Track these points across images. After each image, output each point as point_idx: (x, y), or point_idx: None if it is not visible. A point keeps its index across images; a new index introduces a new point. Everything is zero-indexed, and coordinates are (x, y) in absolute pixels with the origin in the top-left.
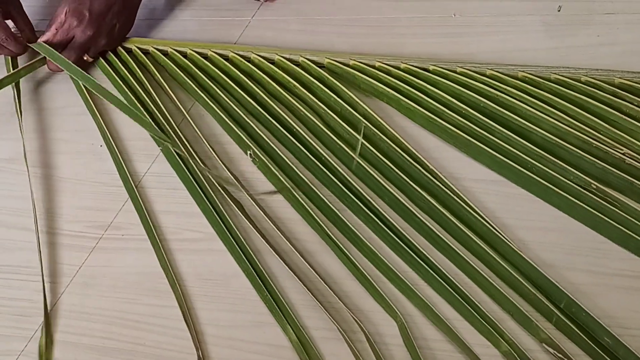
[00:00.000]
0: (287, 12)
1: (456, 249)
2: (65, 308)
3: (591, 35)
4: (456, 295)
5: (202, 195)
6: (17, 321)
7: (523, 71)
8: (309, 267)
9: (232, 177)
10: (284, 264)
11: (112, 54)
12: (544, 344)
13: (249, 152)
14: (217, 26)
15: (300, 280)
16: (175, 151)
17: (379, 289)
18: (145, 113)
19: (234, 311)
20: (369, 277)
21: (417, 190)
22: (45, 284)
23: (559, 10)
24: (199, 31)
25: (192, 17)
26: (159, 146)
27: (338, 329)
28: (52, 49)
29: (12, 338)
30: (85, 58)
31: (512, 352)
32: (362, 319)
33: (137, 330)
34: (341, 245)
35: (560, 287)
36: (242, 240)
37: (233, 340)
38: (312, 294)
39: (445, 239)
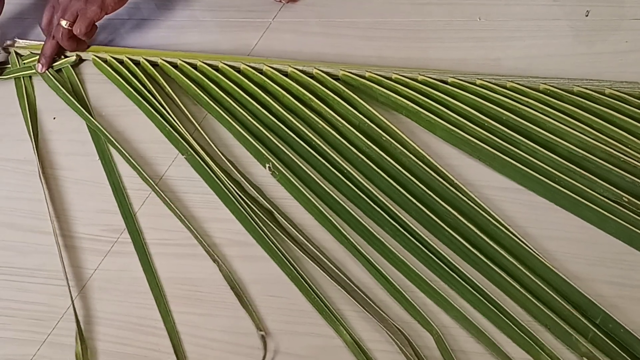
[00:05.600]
0: (309, 14)
1: (488, 263)
2: (79, 312)
3: (620, 41)
4: (493, 308)
5: (235, 202)
6: (31, 325)
7: (545, 83)
8: (342, 276)
9: (253, 190)
10: (324, 273)
11: (121, 66)
12: (584, 358)
13: (267, 165)
14: (237, 27)
15: (345, 290)
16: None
17: (413, 302)
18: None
19: (244, 318)
20: (401, 289)
21: (442, 205)
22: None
23: (586, 15)
24: (219, 32)
25: (212, 18)
26: (182, 154)
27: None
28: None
29: (26, 342)
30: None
31: None
32: (393, 332)
33: (152, 336)
34: (371, 259)
35: (596, 303)
36: (282, 246)
37: (250, 348)
38: (357, 303)
39: (475, 253)
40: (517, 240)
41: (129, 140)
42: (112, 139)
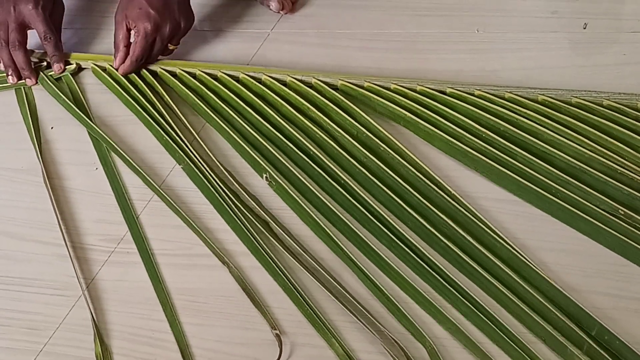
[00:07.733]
0: (307, 25)
1: (484, 274)
2: (76, 322)
3: (617, 53)
4: (487, 320)
5: (231, 212)
6: (26, 334)
7: (543, 94)
8: (338, 287)
9: (250, 199)
10: (319, 283)
11: (120, 75)
12: None
13: (265, 175)
14: (235, 38)
15: (339, 301)
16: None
17: (406, 314)
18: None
19: (245, 328)
20: (395, 301)
21: (439, 216)
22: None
23: (584, 28)
24: (218, 42)
25: (211, 28)
26: (179, 164)
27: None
28: None
29: (21, 351)
30: (170, 47)
31: None
32: (387, 343)
33: (149, 347)
34: (366, 270)
35: (592, 314)
36: (276, 257)
37: (247, 358)
38: (352, 314)
39: (471, 264)
40: (514, 252)
41: (128, 150)
42: (114, 145)
